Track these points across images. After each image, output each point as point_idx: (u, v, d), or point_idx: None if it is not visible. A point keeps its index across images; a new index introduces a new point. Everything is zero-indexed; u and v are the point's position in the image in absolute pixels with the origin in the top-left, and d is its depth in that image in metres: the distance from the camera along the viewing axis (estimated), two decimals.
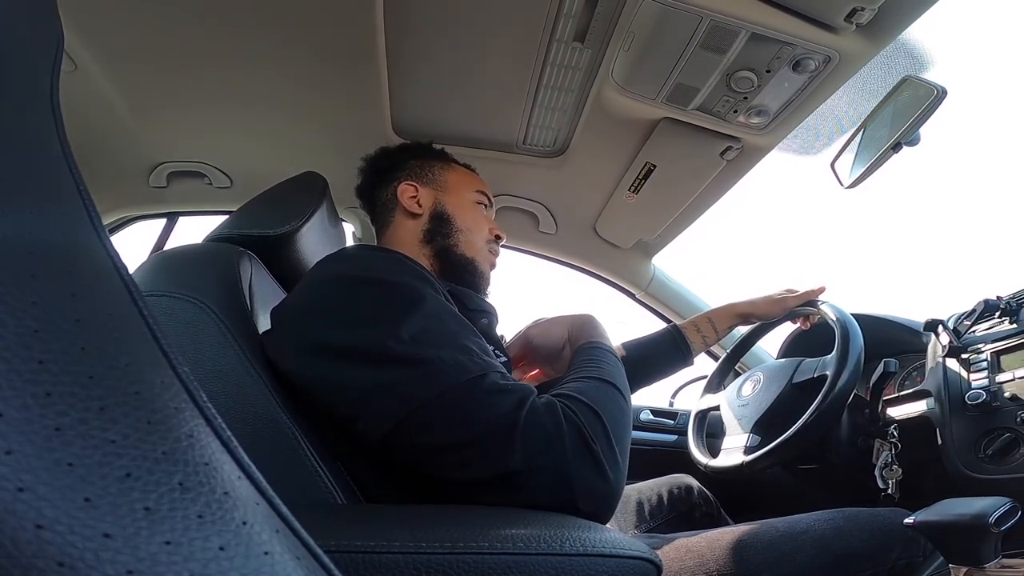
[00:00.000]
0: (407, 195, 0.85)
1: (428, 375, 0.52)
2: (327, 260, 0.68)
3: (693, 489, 1.03)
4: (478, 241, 0.85)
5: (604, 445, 0.52)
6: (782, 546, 0.66)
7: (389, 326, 0.55)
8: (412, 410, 0.51)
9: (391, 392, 0.52)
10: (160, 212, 1.36)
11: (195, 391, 0.19)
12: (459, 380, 0.52)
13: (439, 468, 0.52)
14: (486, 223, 0.88)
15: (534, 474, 0.49)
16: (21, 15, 0.24)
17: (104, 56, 0.94)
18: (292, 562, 0.17)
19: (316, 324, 0.59)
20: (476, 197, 0.89)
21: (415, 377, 0.52)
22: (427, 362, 0.53)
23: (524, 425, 0.51)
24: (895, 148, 0.84)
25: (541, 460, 0.49)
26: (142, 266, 0.70)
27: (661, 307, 1.44)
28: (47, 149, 0.22)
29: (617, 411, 0.56)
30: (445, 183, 0.88)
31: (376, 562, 0.38)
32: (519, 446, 0.50)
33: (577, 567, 0.41)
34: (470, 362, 0.54)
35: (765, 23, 0.72)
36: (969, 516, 0.54)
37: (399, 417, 0.51)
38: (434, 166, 0.89)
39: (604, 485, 0.50)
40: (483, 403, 0.52)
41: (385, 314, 0.57)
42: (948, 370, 0.87)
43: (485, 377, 0.53)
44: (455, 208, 0.85)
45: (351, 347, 0.55)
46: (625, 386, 0.62)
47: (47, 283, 0.17)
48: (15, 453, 0.13)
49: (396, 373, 0.53)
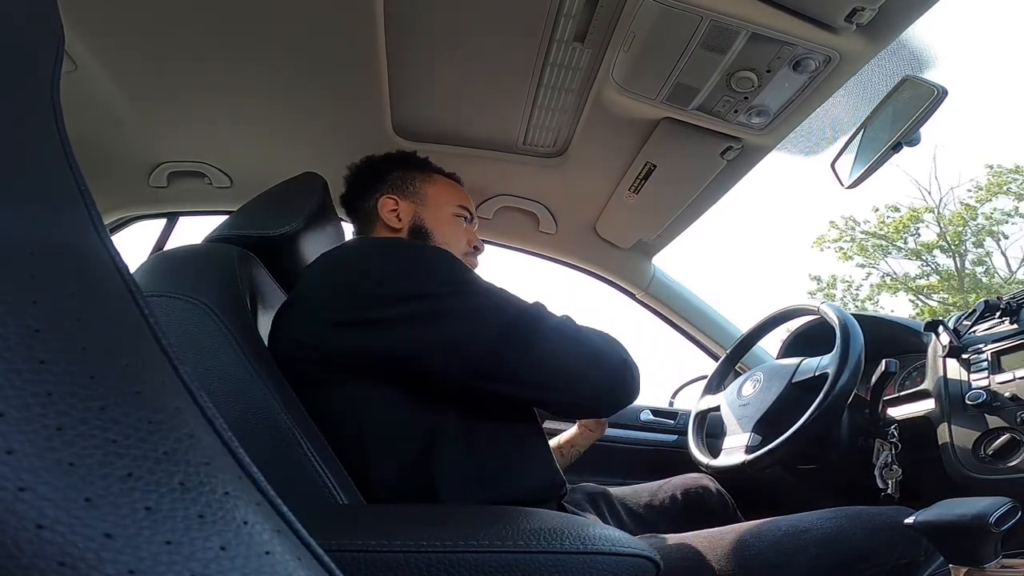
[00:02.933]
0: (387, 208, 0.86)
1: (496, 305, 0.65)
2: (335, 252, 0.71)
3: (711, 489, 1.02)
4: (456, 254, 0.85)
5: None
6: (784, 545, 0.66)
7: (446, 273, 0.66)
8: (497, 333, 0.62)
9: (477, 320, 0.63)
10: (160, 212, 1.36)
11: (196, 391, 0.19)
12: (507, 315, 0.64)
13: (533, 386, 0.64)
14: (464, 236, 0.90)
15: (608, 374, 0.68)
16: (21, 15, 0.24)
17: (105, 56, 0.94)
18: (293, 562, 0.17)
19: (382, 282, 0.64)
20: (456, 210, 0.90)
21: (488, 306, 0.64)
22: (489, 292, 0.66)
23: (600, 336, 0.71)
24: (895, 148, 0.84)
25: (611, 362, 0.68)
26: (142, 266, 0.70)
27: (661, 307, 1.44)
28: (48, 149, 0.21)
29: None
30: (425, 196, 0.89)
31: (377, 561, 0.38)
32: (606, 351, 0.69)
33: (577, 565, 0.41)
34: (506, 299, 0.67)
35: (765, 23, 0.72)
36: (969, 516, 0.54)
37: (489, 341, 0.61)
38: (415, 179, 0.90)
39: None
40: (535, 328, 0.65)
41: (430, 267, 0.66)
42: (948, 370, 0.86)
43: (527, 310, 0.67)
44: (433, 223, 0.87)
45: (416, 294, 0.63)
46: None
47: (48, 283, 0.17)
48: (16, 453, 0.13)
49: (473, 300, 0.64)
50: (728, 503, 1.01)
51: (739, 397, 1.02)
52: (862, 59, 0.76)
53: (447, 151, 1.10)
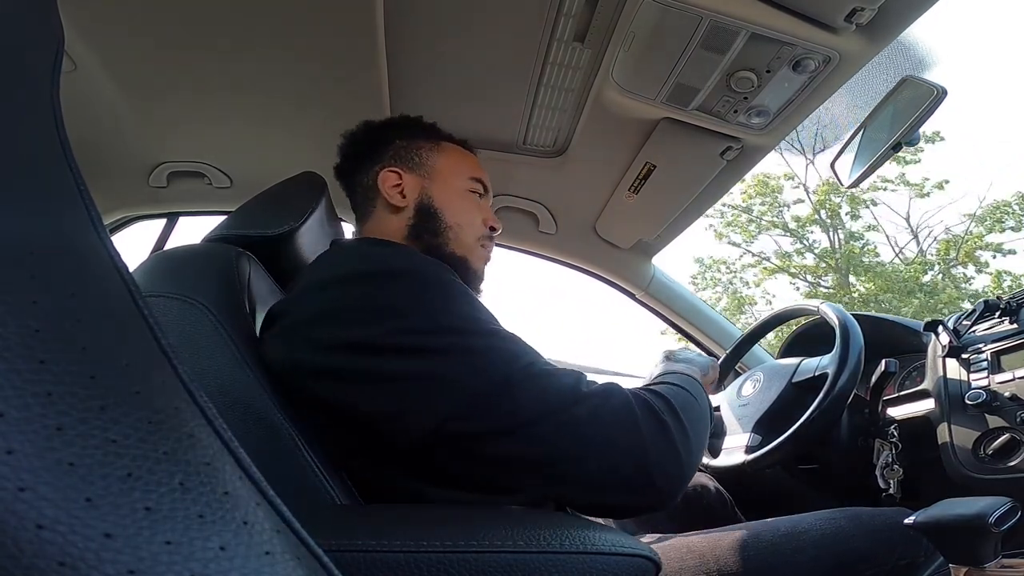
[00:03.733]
0: (389, 184, 0.75)
1: (476, 367, 0.52)
2: (329, 258, 0.67)
3: (709, 488, 1.02)
4: (469, 237, 0.76)
5: (675, 424, 0.53)
6: (784, 546, 0.66)
7: (425, 315, 0.54)
8: (467, 397, 0.50)
9: (441, 383, 0.51)
10: (160, 212, 1.36)
11: (196, 391, 0.19)
12: (513, 366, 0.52)
13: (493, 462, 0.51)
14: (479, 214, 0.78)
15: (607, 452, 0.50)
16: (21, 15, 0.24)
17: (104, 56, 0.94)
18: (292, 562, 0.17)
19: (341, 322, 0.56)
20: (468, 184, 0.78)
21: (463, 365, 0.52)
22: (472, 351, 0.53)
23: (591, 400, 0.52)
24: (895, 148, 0.84)
25: (614, 436, 0.51)
26: (141, 266, 0.70)
27: (661, 307, 1.44)
28: (48, 149, 0.21)
29: (688, 403, 0.57)
30: (433, 169, 0.77)
31: (376, 561, 0.38)
32: (588, 426, 0.50)
33: (577, 565, 0.41)
34: (516, 347, 0.55)
35: (765, 23, 0.72)
36: (969, 516, 0.54)
37: (452, 406, 0.50)
38: (422, 148, 0.78)
39: (675, 466, 0.51)
40: (539, 385, 0.52)
41: (417, 304, 0.56)
42: (948, 370, 0.87)
43: (535, 363, 0.54)
44: (444, 200, 0.76)
45: (390, 343, 0.53)
46: (700, 394, 0.62)
47: (48, 283, 0.17)
48: (16, 453, 0.13)
49: (443, 363, 0.52)
50: (727, 501, 1.01)
51: (739, 397, 1.02)
52: (862, 59, 0.76)
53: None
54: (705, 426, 0.60)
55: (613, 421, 0.51)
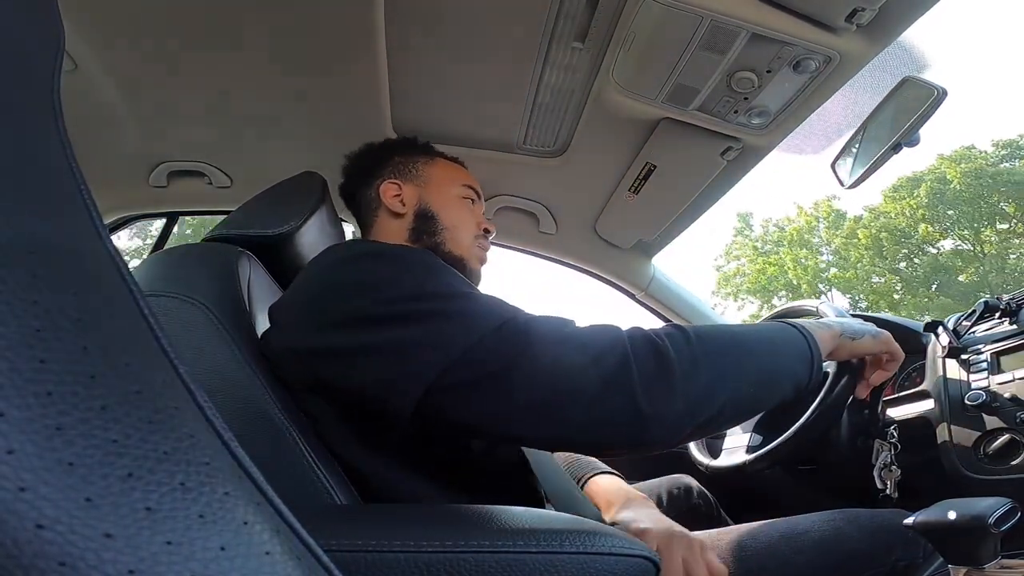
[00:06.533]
0: (390, 194, 0.82)
1: (464, 324, 0.53)
2: (323, 255, 0.68)
3: (693, 490, 1.02)
4: (465, 238, 0.82)
5: (686, 366, 0.52)
6: (782, 547, 0.66)
7: (410, 284, 0.56)
8: (453, 360, 0.50)
9: (436, 341, 0.52)
10: (160, 212, 1.36)
11: (196, 391, 0.19)
12: (502, 316, 0.53)
13: (490, 412, 0.51)
14: (473, 218, 0.85)
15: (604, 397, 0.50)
16: (21, 15, 0.24)
17: (105, 56, 0.94)
18: (292, 562, 0.17)
19: (330, 301, 0.58)
20: (462, 192, 0.85)
21: (453, 324, 0.53)
22: (461, 313, 0.54)
23: (579, 339, 0.53)
24: (895, 148, 0.84)
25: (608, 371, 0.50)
26: (140, 266, 0.70)
27: (661, 308, 1.44)
28: (48, 148, 0.21)
29: (725, 347, 0.56)
30: (428, 179, 0.85)
31: (376, 561, 0.38)
32: (577, 367, 0.51)
33: (577, 565, 0.41)
34: (500, 307, 0.55)
35: (765, 23, 0.72)
36: (969, 517, 0.54)
37: (447, 361, 0.50)
38: (417, 161, 0.86)
39: (668, 406, 0.51)
40: (528, 329, 0.53)
41: (401, 276, 0.57)
42: (948, 371, 0.87)
43: (520, 313, 0.55)
44: (439, 205, 0.82)
45: (379, 312, 0.54)
46: (778, 342, 0.61)
47: (48, 282, 0.17)
48: (16, 452, 0.13)
49: (432, 325, 0.53)
50: (711, 502, 1.02)
51: None
52: (862, 60, 0.76)
53: (447, 151, 1.10)
54: (747, 373, 0.56)
55: (600, 358, 0.51)
